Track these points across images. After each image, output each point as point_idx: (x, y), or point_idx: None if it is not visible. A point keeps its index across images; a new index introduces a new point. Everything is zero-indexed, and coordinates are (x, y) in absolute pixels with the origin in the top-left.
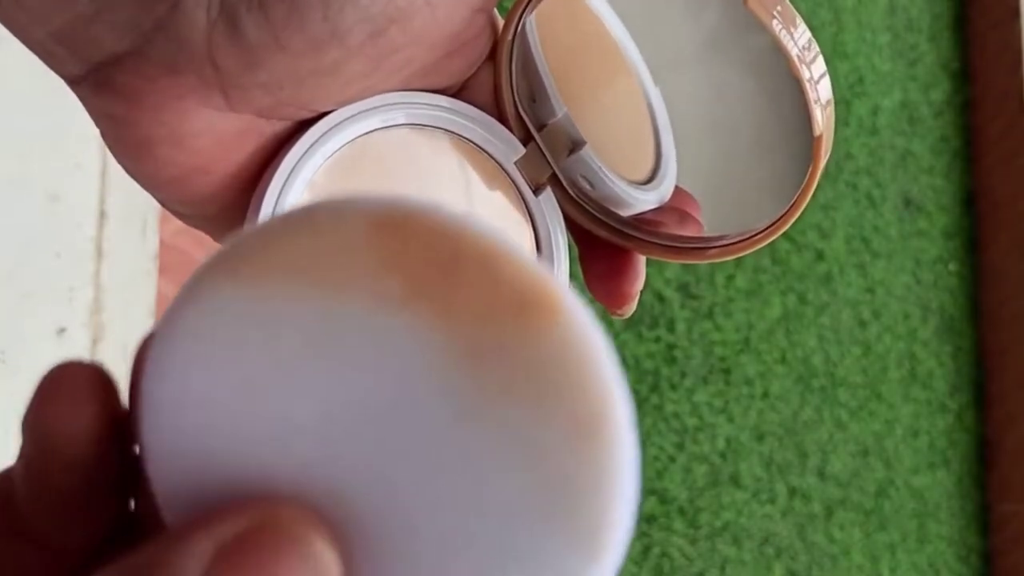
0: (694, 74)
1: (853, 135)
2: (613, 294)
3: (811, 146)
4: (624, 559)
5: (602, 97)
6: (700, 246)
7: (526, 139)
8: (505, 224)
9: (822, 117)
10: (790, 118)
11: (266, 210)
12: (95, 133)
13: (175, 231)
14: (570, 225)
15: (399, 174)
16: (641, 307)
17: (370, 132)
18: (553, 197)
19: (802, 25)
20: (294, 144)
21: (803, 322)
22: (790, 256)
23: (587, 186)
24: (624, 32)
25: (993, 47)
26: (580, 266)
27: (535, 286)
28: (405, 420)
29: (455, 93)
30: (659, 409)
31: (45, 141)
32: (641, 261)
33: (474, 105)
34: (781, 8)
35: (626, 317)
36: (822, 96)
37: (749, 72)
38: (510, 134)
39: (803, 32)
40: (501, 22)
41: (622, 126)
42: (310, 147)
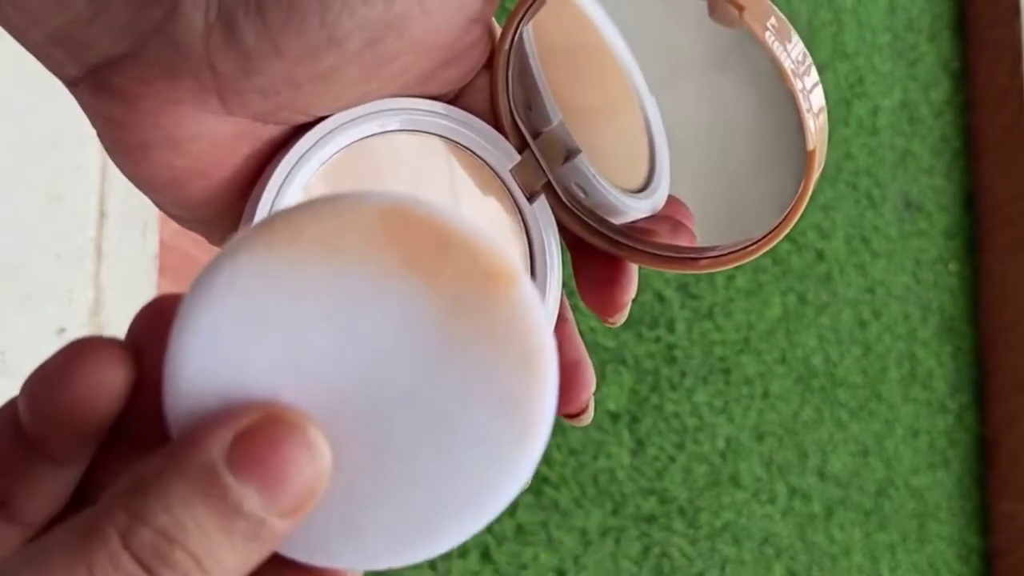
0: (689, 84)
1: (853, 135)
2: (605, 302)
3: (805, 158)
4: (623, 559)
5: (597, 106)
6: (692, 256)
7: (521, 147)
8: (499, 230)
9: (815, 128)
10: (784, 129)
11: (261, 214)
12: (95, 134)
13: (175, 232)
14: (564, 232)
15: (394, 179)
16: (641, 307)
17: (366, 137)
18: (547, 205)
19: (795, 37)
20: (290, 149)
21: (803, 322)
22: (790, 256)
23: (581, 194)
24: (620, 42)
25: (993, 47)
26: (573, 273)
27: (501, 263)
28: (396, 357)
29: (451, 100)
30: (659, 409)
31: (45, 142)
32: (634, 270)
33: (470, 112)
34: (775, 21)
35: (618, 325)
36: (814, 105)
37: (744, 83)
38: (505, 141)
39: (796, 44)
40: (499, 30)
41: (617, 135)
42: (306, 152)
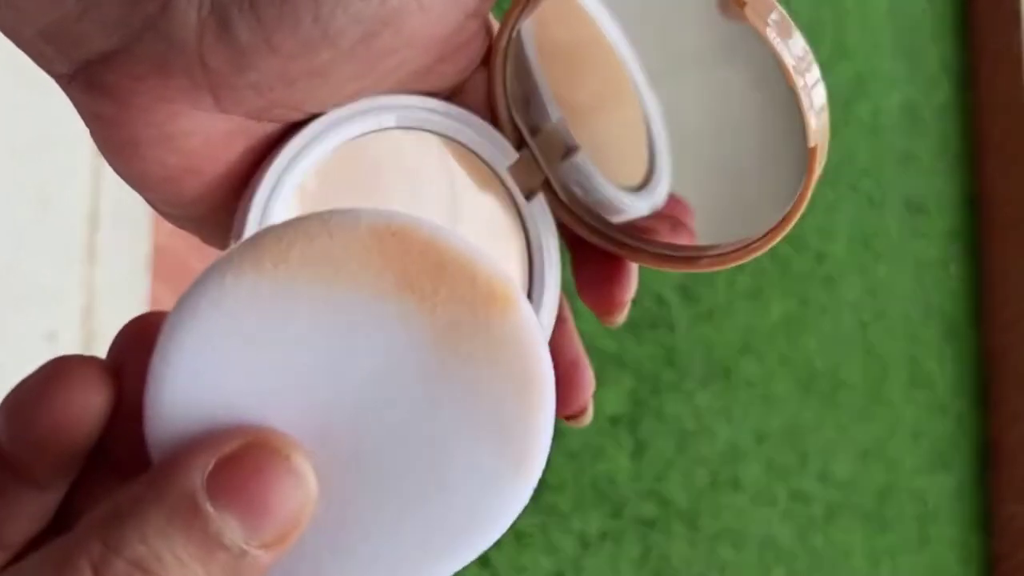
0: (690, 81)
1: (854, 137)
2: (604, 301)
3: (806, 156)
4: (623, 562)
5: (597, 103)
6: (692, 255)
7: (519, 144)
8: (497, 229)
9: (816, 125)
10: (786, 127)
11: (254, 213)
12: (87, 135)
13: (168, 234)
14: (562, 231)
15: (391, 177)
16: (641, 309)
17: (362, 135)
18: (545, 203)
19: (797, 33)
20: (283, 147)
21: (804, 324)
22: (791, 258)
23: (580, 192)
24: (621, 38)
25: (995, 48)
26: (572, 273)
27: (499, 286)
28: (389, 381)
29: (449, 96)
30: (659, 411)
31: (36, 143)
32: (633, 268)
33: (468, 109)
34: (777, 17)
35: (617, 325)
36: (816, 102)
37: (745, 79)
38: (503, 139)
39: (798, 40)
40: (496, 26)
41: (616, 132)
42: (300, 150)
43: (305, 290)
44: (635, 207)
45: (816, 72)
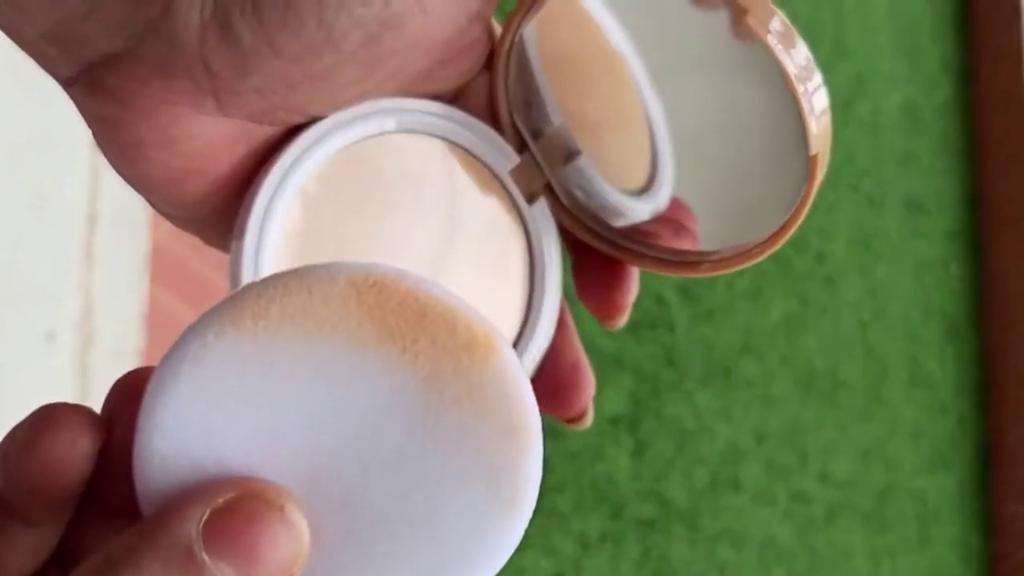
0: (693, 85)
1: (854, 136)
2: (605, 305)
3: (807, 162)
4: (623, 563)
5: (600, 107)
6: (693, 260)
7: (521, 148)
8: (498, 232)
9: (817, 129)
10: (788, 132)
11: (256, 215)
12: (86, 136)
13: (167, 235)
14: (564, 235)
15: (392, 180)
16: (641, 309)
17: (364, 138)
18: (547, 206)
19: (801, 43)
20: (285, 150)
21: (804, 324)
22: (791, 258)
23: (582, 196)
24: (624, 42)
25: (996, 47)
26: (573, 276)
27: (481, 332)
28: (376, 430)
29: (451, 100)
30: (658, 412)
31: (35, 143)
32: (634, 273)
33: (470, 112)
34: (780, 27)
35: (618, 328)
36: (816, 107)
37: (748, 85)
38: (505, 142)
39: (801, 50)
40: (499, 30)
41: (619, 136)
42: (302, 153)
43: (286, 345)
44: (637, 211)
45: (818, 79)
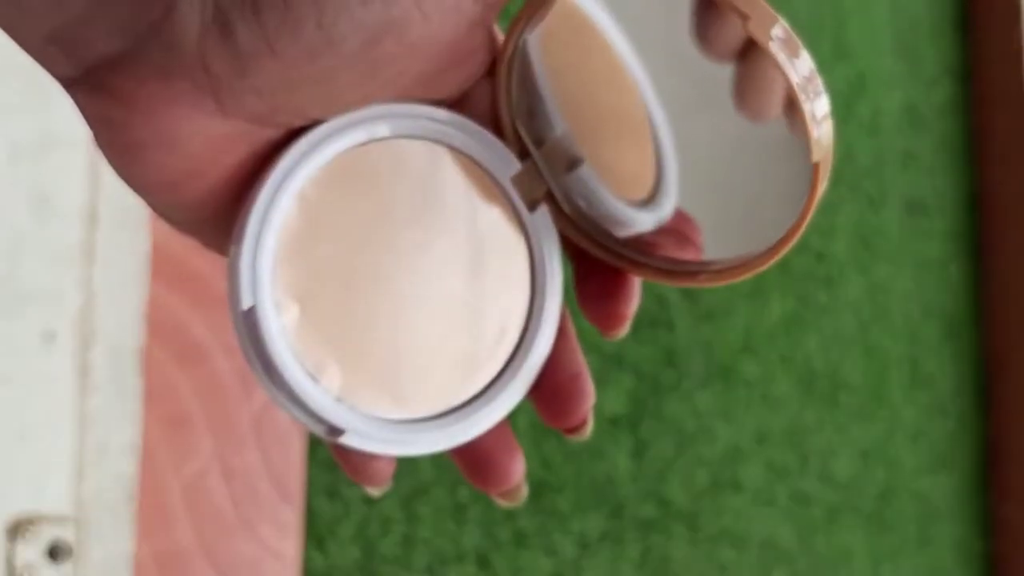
0: (699, 95)
1: (855, 136)
2: (606, 315)
3: (810, 171)
4: (623, 563)
5: (604, 115)
6: (694, 270)
7: (523, 155)
8: (499, 240)
9: (820, 136)
10: (791, 140)
11: (255, 219)
12: (86, 135)
13: (167, 234)
14: (565, 243)
15: (392, 185)
16: (641, 309)
17: (364, 143)
18: (548, 215)
19: (804, 52)
20: (285, 153)
21: (804, 324)
22: (791, 258)
23: (584, 204)
24: (628, 50)
25: (996, 47)
26: (574, 285)
27: None
28: None
29: (453, 105)
30: (659, 412)
31: (34, 142)
32: (636, 283)
33: (472, 118)
34: (782, 34)
35: (619, 339)
36: (818, 113)
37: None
38: (507, 149)
39: (805, 60)
40: (502, 36)
41: (623, 145)
42: (302, 156)
43: None
44: (640, 221)
45: (820, 85)
